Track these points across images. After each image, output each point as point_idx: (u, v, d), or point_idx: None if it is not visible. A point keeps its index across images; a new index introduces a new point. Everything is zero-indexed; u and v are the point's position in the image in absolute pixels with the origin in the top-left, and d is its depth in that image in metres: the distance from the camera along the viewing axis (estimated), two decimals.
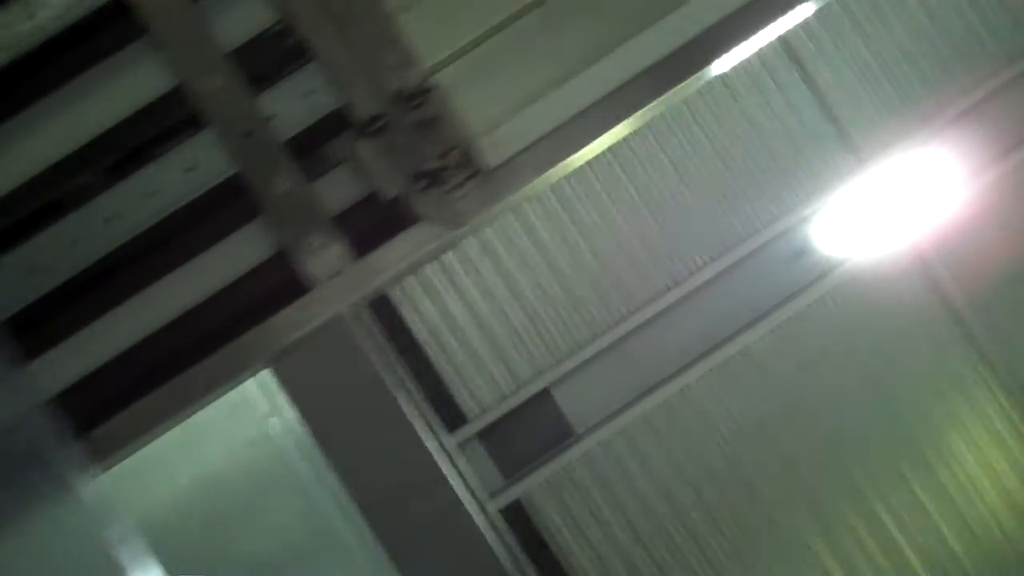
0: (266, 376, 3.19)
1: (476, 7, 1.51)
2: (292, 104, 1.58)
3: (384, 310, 4.95)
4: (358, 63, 1.49)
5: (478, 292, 4.98)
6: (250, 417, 3.17)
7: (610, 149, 5.07)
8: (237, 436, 3.15)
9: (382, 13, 1.49)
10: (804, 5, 2.59)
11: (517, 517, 5.00)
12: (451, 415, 4.97)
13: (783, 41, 5.08)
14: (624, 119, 1.59)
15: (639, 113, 1.62)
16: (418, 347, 4.97)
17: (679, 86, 1.79)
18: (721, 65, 2.58)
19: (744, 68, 5.07)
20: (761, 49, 5.16)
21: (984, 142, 5.10)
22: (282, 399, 3.12)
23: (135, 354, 1.63)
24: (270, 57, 1.56)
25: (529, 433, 5.07)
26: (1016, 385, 5.13)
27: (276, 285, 1.55)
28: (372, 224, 1.55)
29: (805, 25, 5.07)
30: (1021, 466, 5.16)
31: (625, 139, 5.07)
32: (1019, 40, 5.13)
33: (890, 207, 5.07)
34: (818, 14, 5.06)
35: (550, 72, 1.54)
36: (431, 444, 3.54)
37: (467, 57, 1.52)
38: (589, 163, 5.03)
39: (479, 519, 3.30)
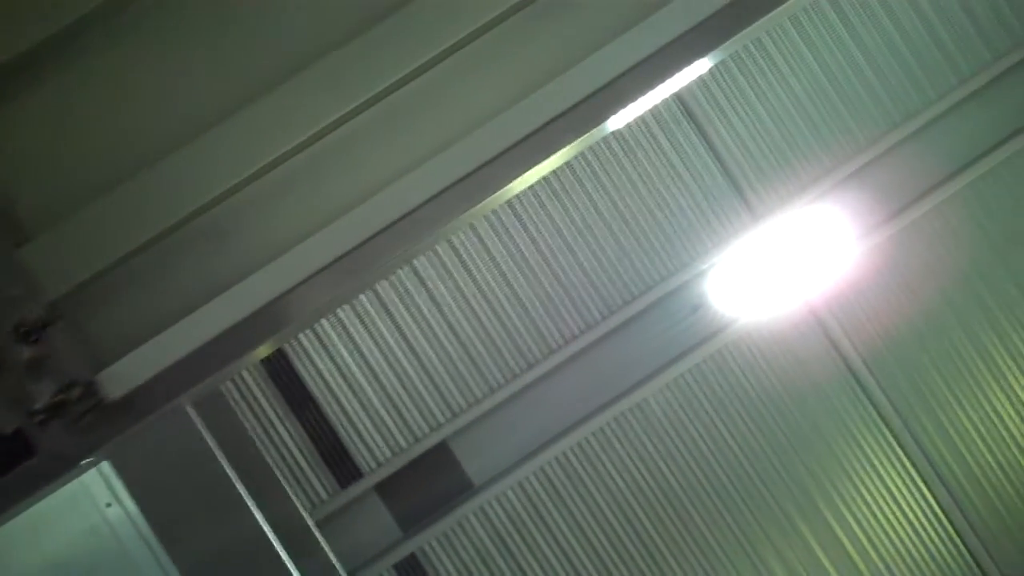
0: (105, 466, 3.21)
1: (102, 238, 1.51)
2: None
3: (279, 365, 4.98)
4: None
5: (375, 347, 5.00)
6: (90, 506, 3.20)
7: (508, 203, 5.12)
8: (77, 525, 3.18)
9: (4, 244, 1.49)
10: (697, 63, 2.51)
11: (413, 570, 5.04)
12: (347, 470, 5.01)
13: (677, 97, 5.13)
14: (267, 339, 1.57)
15: (277, 336, 1.59)
16: (314, 402, 5.00)
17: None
18: (616, 122, 2.53)
19: (640, 124, 5.11)
20: (655, 106, 5.21)
21: (877, 201, 5.16)
22: (121, 487, 3.14)
23: None
24: None
25: (427, 486, 5.10)
26: (909, 439, 5.18)
27: None
28: None
29: (700, 81, 5.12)
30: (914, 518, 5.21)
31: (523, 193, 5.11)
32: (914, 99, 5.18)
33: (785, 263, 5.12)
34: (713, 70, 5.11)
35: (177, 302, 1.53)
36: (286, 523, 3.55)
37: (94, 286, 1.51)
38: (485, 217, 5.07)
39: None
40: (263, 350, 1.59)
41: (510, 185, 2.61)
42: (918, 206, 5.15)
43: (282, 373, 4.98)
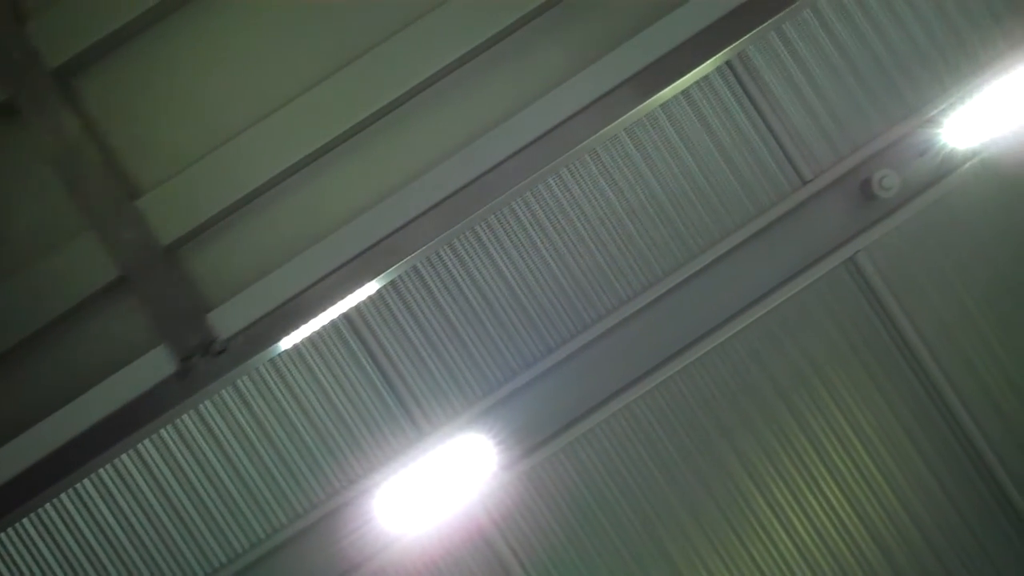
0: None
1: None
2: None
3: None
4: None
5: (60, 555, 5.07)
6: None
7: (176, 422, 5.18)
8: None
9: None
10: (364, 287, 2.62)
11: None
12: None
13: (345, 317, 5.18)
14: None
15: None
16: None
17: None
18: (287, 341, 2.64)
19: (306, 340, 5.17)
20: (324, 325, 5.23)
21: (543, 418, 5.19)
22: None
23: None
24: None
25: None
26: None
27: None
28: None
29: (371, 300, 5.18)
30: None
31: (191, 411, 5.18)
32: (569, 324, 5.21)
33: (451, 479, 5.15)
34: (381, 292, 5.17)
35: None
36: None
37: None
38: (151, 439, 5.13)
39: None
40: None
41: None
42: (583, 423, 5.18)
43: None
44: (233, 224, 2.01)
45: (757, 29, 2.42)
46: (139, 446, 5.12)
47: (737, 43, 2.39)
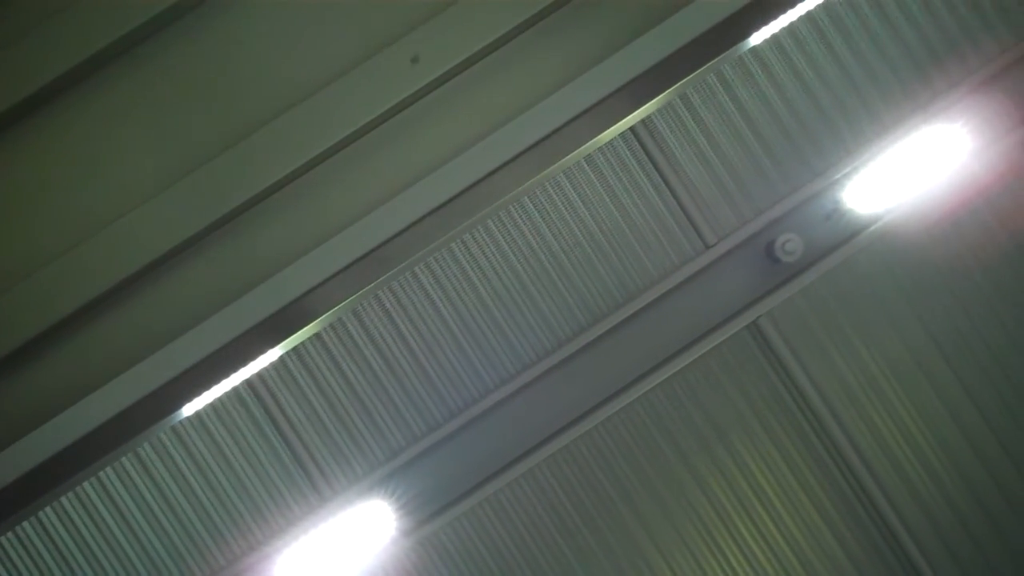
0: None
1: None
2: None
3: None
4: None
5: None
6: None
7: (74, 493, 5.18)
8: None
9: None
10: (264, 355, 2.61)
11: None
12: None
13: (247, 383, 5.19)
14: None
15: None
16: None
17: None
18: (193, 405, 2.60)
19: (208, 407, 5.17)
20: (228, 390, 5.21)
21: (440, 486, 5.18)
22: None
23: None
24: None
25: None
26: None
27: None
28: None
29: (272, 366, 5.18)
30: None
31: (86, 485, 5.18)
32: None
33: (352, 546, 5.14)
34: (283, 359, 5.18)
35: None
36: None
37: None
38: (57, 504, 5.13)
39: None
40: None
41: None
42: (485, 488, 5.17)
43: None
44: None
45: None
46: (39, 513, 5.12)
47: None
